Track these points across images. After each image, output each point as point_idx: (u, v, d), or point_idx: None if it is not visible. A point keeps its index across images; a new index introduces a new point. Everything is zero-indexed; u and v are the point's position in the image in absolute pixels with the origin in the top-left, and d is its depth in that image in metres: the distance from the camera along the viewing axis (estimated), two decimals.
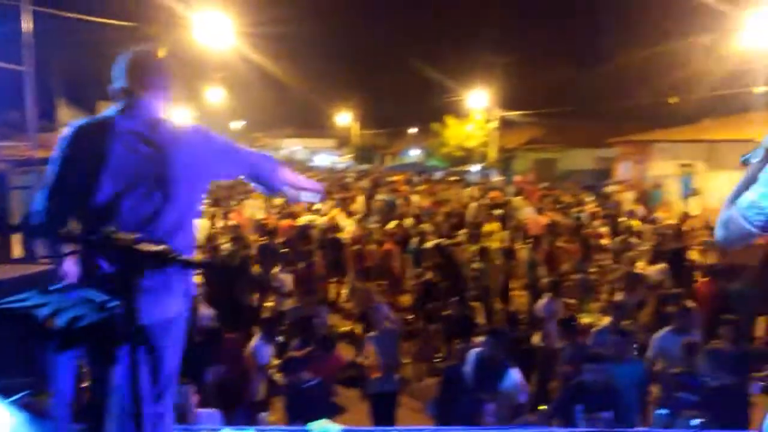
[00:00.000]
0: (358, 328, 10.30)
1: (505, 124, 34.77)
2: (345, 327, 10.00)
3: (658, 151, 25.15)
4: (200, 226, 15.85)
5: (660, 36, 24.79)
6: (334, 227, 13.24)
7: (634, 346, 6.25)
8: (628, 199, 21.32)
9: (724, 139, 20.83)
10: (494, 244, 14.00)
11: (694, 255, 12.08)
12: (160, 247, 1.72)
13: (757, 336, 9.22)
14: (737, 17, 16.55)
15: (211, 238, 11.60)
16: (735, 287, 8.82)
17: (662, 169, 24.51)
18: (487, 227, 14.60)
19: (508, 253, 11.52)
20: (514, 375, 5.36)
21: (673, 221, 15.84)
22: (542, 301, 8.30)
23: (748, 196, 2.01)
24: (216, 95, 34.78)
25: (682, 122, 25.64)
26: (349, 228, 14.13)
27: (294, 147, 73.51)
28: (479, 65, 33.99)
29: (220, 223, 15.91)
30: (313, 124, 71.58)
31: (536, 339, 7.98)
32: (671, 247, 11.32)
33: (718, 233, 2.13)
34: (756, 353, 6.86)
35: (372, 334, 6.92)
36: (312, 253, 10.40)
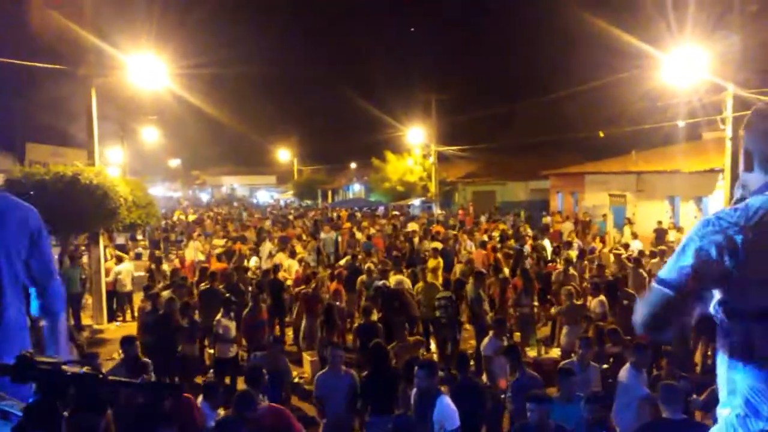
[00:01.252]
0: (306, 373, 10.13)
1: (444, 159, 35.42)
2: (294, 372, 9.77)
3: (589, 183, 26.12)
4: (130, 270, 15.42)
5: (589, 73, 25.93)
6: (276, 268, 13.05)
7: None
8: (566, 229, 21.93)
9: (650, 170, 21.83)
10: (438, 281, 14.13)
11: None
12: (86, 368, 1.58)
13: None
14: (660, 55, 17.49)
15: (150, 285, 11.23)
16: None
17: (594, 199, 25.43)
18: (431, 263, 14.70)
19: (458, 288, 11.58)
20: (445, 402, 5.41)
21: (607, 251, 16.37)
22: (486, 341, 8.34)
23: (666, 266, 1.87)
24: (152, 135, 34.12)
25: (611, 154, 26.76)
26: (292, 268, 13.97)
27: (234, 184, 72.70)
28: (416, 102, 34.66)
29: (163, 266, 15.49)
30: (253, 161, 71.09)
31: (484, 378, 8.03)
32: (608, 278, 11.65)
33: (640, 315, 1.89)
34: (697, 382, 7.06)
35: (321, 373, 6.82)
36: (255, 296, 10.18)
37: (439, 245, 16.85)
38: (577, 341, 7.45)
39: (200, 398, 6.09)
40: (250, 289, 11.56)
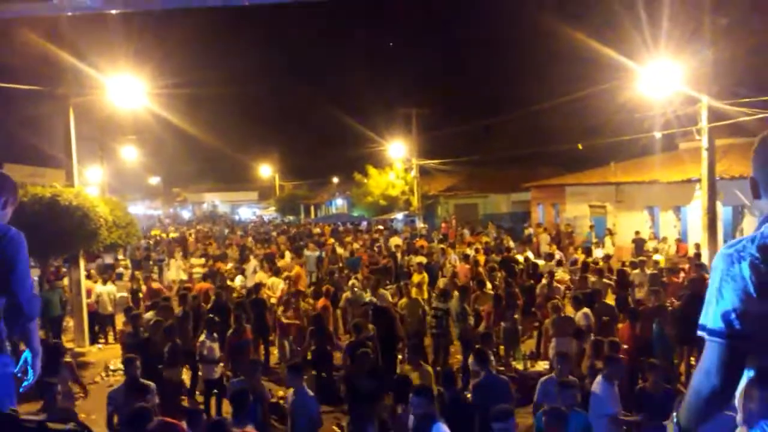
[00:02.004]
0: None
1: (426, 172, 35.59)
2: (278, 392, 9.70)
3: (570, 194, 26.36)
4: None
5: (568, 86, 26.31)
6: (257, 287, 12.98)
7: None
8: (543, 240, 22.10)
9: (629, 181, 22.11)
10: (423, 296, 14.13)
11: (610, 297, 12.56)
12: (71, 424, 1.55)
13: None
14: (637, 68, 17.79)
15: (131, 307, 11.10)
16: (655, 329, 9.16)
17: (575, 210, 25.67)
18: (416, 277, 14.71)
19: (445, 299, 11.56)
20: (442, 430, 5.37)
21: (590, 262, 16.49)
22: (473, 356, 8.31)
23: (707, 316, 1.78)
24: (131, 153, 33.90)
25: (591, 166, 27.06)
26: (276, 286, 13.87)
27: (215, 201, 72.28)
28: (397, 116, 34.82)
29: (143, 287, 15.33)
30: (234, 178, 70.79)
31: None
32: (590, 290, 11.72)
33: (709, 384, 1.74)
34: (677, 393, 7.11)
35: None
36: (239, 316, 10.09)
37: (423, 260, 16.89)
38: (555, 357, 7.49)
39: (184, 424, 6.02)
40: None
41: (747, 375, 1.77)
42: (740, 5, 16.60)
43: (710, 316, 1.75)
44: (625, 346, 8.65)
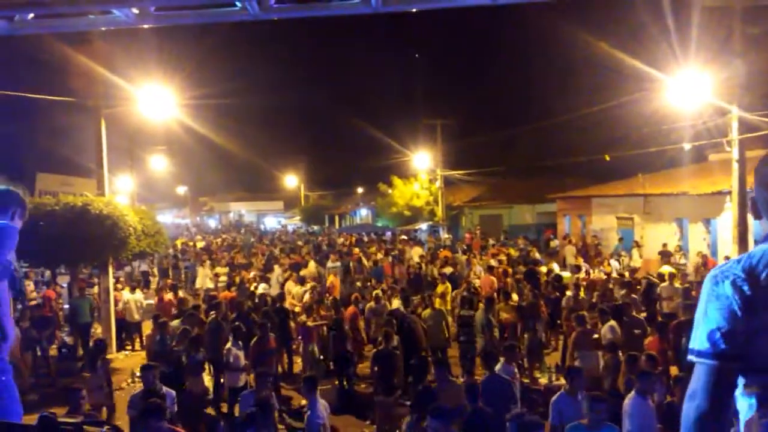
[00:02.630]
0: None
1: (450, 183, 35.55)
2: (301, 401, 9.72)
3: (596, 206, 26.08)
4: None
5: (594, 96, 26.08)
6: (281, 296, 13.08)
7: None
8: (569, 252, 21.87)
9: (657, 192, 21.81)
10: (446, 306, 14.10)
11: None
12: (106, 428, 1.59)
13: None
14: (664, 79, 17.59)
15: (159, 314, 11.25)
16: (684, 342, 8.99)
17: (602, 222, 25.37)
18: (440, 288, 14.69)
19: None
20: None
21: (615, 275, 16.29)
22: (498, 366, 8.24)
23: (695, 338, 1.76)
24: (160, 163, 34.45)
25: (617, 177, 26.75)
26: (299, 294, 13.96)
27: (241, 210, 73.00)
28: (422, 127, 34.89)
29: (168, 296, 15.52)
30: (260, 188, 71.44)
31: None
32: (616, 303, 11.57)
33: (696, 407, 1.70)
34: None
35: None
36: (264, 325, 10.17)
37: (449, 270, 16.87)
38: (566, 371, 7.44)
39: None
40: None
41: (749, 403, 1.72)
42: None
43: (697, 338, 1.73)
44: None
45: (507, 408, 7.41)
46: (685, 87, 16.83)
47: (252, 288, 15.24)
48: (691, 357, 1.74)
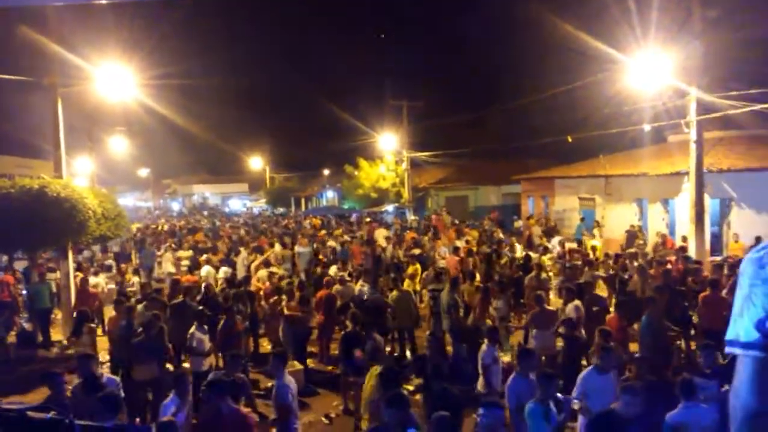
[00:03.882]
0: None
1: (417, 165, 35.61)
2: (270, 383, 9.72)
3: (559, 186, 26.46)
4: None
5: (557, 78, 26.35)
6: (247, 279, 12.99)
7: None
8: (536, 232, 22.19)
9: (618, 173, 22.21)
10: (416, 286, 14.22)
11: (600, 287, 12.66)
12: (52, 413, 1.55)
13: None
14: (626, 60, 17.84)
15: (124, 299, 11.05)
16: (643, 320, 9.22)
17: (564, 203, 25.77)
18: (410, 269, 14.80)
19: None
20: None
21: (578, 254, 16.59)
22: (484, 348, 8.25)
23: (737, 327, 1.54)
24: (121, 144, 33.66)
25: (580, 158, 27.14)
26: (262, 276, 13.86)
27: (205, 192, 72.03)
28: (388, 108, 34.76)
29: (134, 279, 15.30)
30: (225, 170, 70.53)
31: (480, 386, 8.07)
32: (579, 282, 11.80)
33: (746, 402, 1.47)
34: (665, 384, 7.18)
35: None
36: (230, 309, 10.10)
37: (417, 251, 16.98)
38: (517, 353, 7.54)
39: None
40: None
41: None
42: None
43: (742, 327, 1.52)
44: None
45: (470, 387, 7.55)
46: (646, 68, 17.09)
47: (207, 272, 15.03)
48: (732, 349, 1.54)
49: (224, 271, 14.98)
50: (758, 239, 15.73)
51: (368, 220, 28.53)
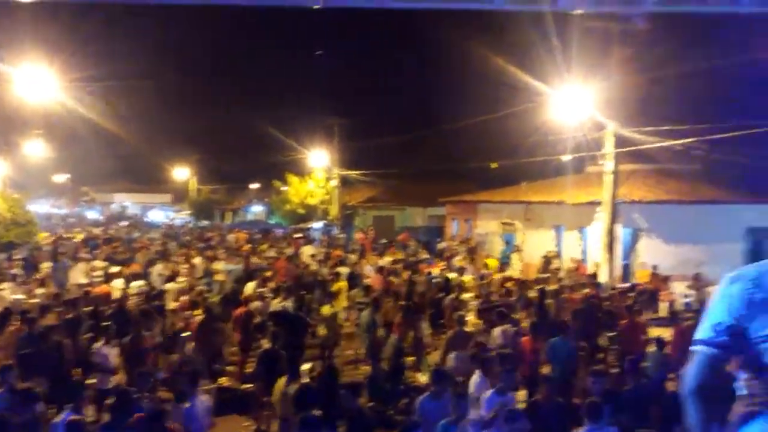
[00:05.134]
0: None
1: (346, 183, 35.71)
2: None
3: (482, 211, 27.17)
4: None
5: (486, 106, 27.09)
6: (161, 293, 12.58)
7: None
8: (459, 254, 22.59)
9: (538, 200, 23.05)
10: (342, 304, 14.18)
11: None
12: None
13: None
14: (551, 93, 18.64)
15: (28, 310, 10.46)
16: (553, 343, 9.52)
17: (487, 226, 26.44)
18: (336, 286, 14.75)
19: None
20: None
21: (498, 277, 17.01)
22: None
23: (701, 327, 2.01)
24: (37, 148, 32.09)
25: (504, 184, 27.98)
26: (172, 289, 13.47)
27: (125, 202, 69.42)
28: (319, 125, 34.78)
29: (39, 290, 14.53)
30: (148, 179, 68.19)
31: None
32: (499, 305, 12.07)
33: (688, 384, 1.97)
34: (572, 406, 7.43)
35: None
36: (138, 323, 9.71)
37: (345, 269, 16.94)
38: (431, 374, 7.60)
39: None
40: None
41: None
42: (646, 37, 17.70)
43: (703, 329, 1.97)
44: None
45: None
46: (569, 102, 17.91)
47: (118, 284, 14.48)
48: (694, 347, 1.98)
49: (137, 284, 14.42)
50: (655, 267, 16.69)
51: (295, 236, 28.29)
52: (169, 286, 13.75)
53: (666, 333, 10.73)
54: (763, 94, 19.91)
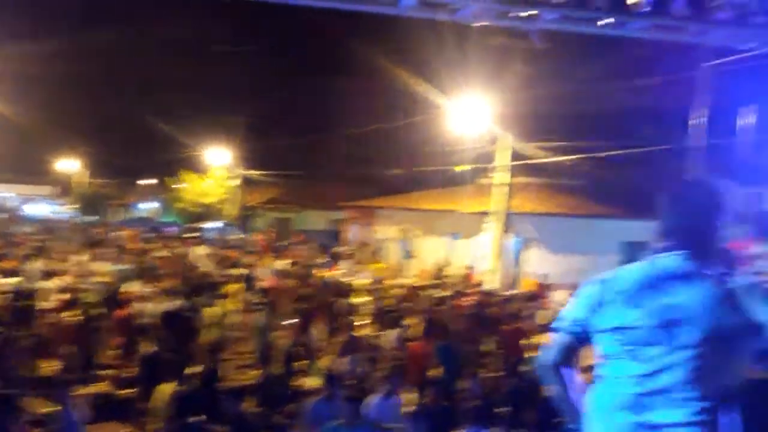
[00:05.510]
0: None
1: (246, 182, 35.01)
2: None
3: (381, 217, 27.54)
4: None
5: (390, 115, 27.49)
6: (29, 292, 11.75)
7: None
8: (357, 258, 22.75)
9: (433, 208, 23.71)
10: (234, 306, 13.82)
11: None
12: None
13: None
14: (451, 104, 19.23)
15: None
16: (443, 346, 9.79)
17: (385, 232, 26.81)
18: (229, 288, 14.38)
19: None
20: None
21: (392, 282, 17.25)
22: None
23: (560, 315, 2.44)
24: None
25: (402, 191, 28.51)
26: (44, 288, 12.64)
27: (5, 193, 64.43)
28: (220, 123, 33.89)
29: None
30: (31, 170, 63.57)
31: None
32: (393, 309, 12.26)
33: (541, 358, 2.45)
34: (458, 409, 7.63)
35: None
36: (9, 323, 9.04)
37: (241, 271, 16.57)
38: (324, 377, 7.68)
39: None
40: None
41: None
42: (543, 55, 18.65)
43: (561, 319, 2.39)
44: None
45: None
46: (467, 114, 18.55)
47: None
48: (553, 332, 2.41)
49: (11, 281, 13.38)
50: (545, 276, 17.59)
51: (188, 235, 27.39)
52: (46, 284, 12.88)
53: (547, 339, 11.27)
54: (645, 118, 21.51)
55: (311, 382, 10.71)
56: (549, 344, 2.42)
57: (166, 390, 7.28)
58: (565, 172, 22.02)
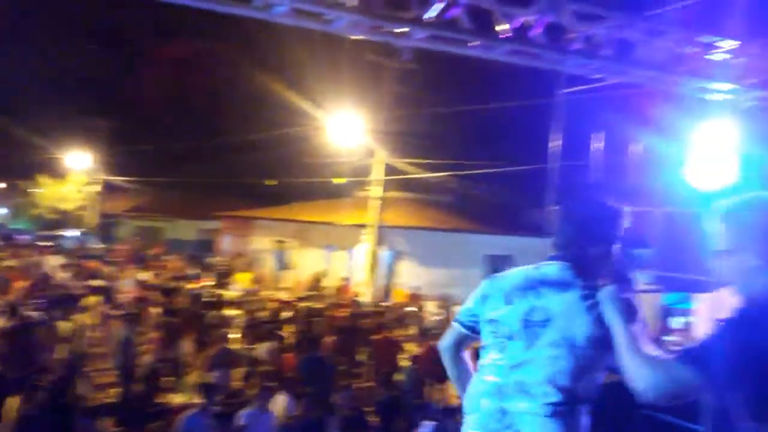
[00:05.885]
0: None
1: (108, 189, 33.03)
2: None
3: (257, 227, 27.07)
4: None
5: (266, 125, 27.13)
6: None
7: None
8: (235, 270, 22.18)
9: (310, 220, 23.68)
10: (93, 320, 12.94)
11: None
12: None
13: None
14: (329, 117, 19.40)
15: None
16: (315, 358, 9.76)
17: (261, 243, 26.36)
18: (87, 300, 13.44)
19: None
20: None
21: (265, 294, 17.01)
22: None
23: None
24: None
25: (279, 203, 28.21)
26: None
27: None
28: (80, 126, 31.77)
29: None
30: None
31: None
32: (267, 321, 12.07)
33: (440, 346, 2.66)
34: (331, 420, 7.64)
35: None
36: None
37: (99, 282, 15.57)
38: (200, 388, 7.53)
39: None
40: None
41: None
42: (415, 73, 19.32)
43: (459, 311, 2.61)
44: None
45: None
46: (344, 128, 18.84)
47: None
48: (452, 322, 2.62)
49: None
50: (417, 288, 18.15)
51: (41, 243, 25.34)
52: None
53: (418, 348, 11.58)
54: (509, 138, 22.86)
55: (178, 398, 10.29)
56: (447, 332, 2.63)
57: (11, 410, 6.67)
58: (435, 188, 22.91)
